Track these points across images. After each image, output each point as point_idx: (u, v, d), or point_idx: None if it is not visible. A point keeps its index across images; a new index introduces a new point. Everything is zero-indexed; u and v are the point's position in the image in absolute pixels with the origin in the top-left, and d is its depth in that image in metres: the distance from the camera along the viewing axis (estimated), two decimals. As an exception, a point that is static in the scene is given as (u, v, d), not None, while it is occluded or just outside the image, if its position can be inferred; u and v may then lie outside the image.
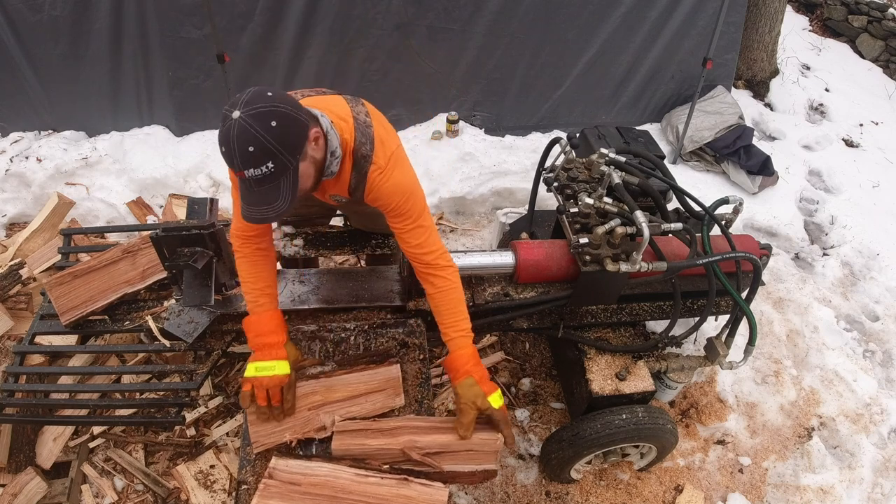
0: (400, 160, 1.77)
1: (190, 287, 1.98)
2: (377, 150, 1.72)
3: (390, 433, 1.67)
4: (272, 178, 1.40)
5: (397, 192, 1.73)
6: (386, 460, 1.64)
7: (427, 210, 1.82)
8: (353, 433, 1.66)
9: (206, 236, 1.88)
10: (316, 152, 1.52)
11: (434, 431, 1.69)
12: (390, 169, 1.72)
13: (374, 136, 1.72)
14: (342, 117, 1.68)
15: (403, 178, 1.75)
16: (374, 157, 1.71)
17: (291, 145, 1.40)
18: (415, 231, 1.78)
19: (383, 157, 1.72)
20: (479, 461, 1.68)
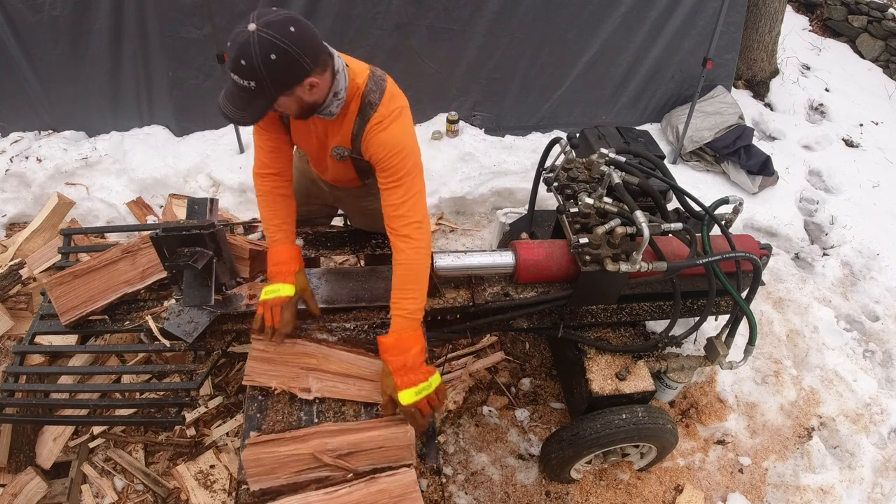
0: (403, 118, 1.79)
1: (190, 287, 1.98)
2: (385, 100, 1.76)
3: (301, 439, 1.66)
4: (249, 93, 1.50)
5: (389, 143, 1.74)
6: (300, 467, 1.63)
7: (418, 177, 1.79)
8: (263, 444, 1.65)
9: (206, 236, 1.88)
10: (306, 96, 1.60)
11: (344, 432, 1.68)
12: (391, 120, 1.75)
13: (385, 88, 1.78)
14: (361, 68, 1.78)
15: (400, 133, 1.76)
16: (381, 105, 1.75)
17: (279, 81, 1.49)
18: (396, 190, 1.78)
19: (388, 108, 1.75)
20: (394, 457, 1.67)
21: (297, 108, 1.65)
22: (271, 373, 1.84)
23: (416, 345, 1.73)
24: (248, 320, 2.06)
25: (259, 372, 1.84)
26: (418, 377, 1.71)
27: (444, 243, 3.75)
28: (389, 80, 1.83)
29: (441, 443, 2.73)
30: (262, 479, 1.61)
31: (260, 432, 1.74)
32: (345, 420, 1.77)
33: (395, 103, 1.78)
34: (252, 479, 1.61)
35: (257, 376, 1.84)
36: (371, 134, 1.75)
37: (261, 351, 1.86)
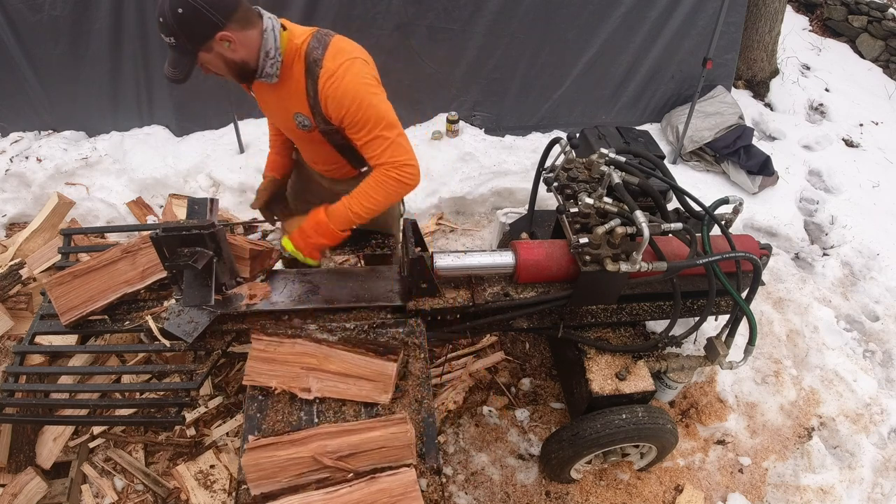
0: (355, 68, 1.77)
1: (190, 287, 1.98)
2: (328, 55, 1.76)
3: (301, 442, 1.66)
4: (174, 51, 1.68)
5: (346, 98, 1.75)
6: (300, 470, 1.63)
7: (388, 119, 1.81)
8: (262, 448, 1.64)
9: (206, 236, 1.88)
10: (228, 53, 1.71)
11: (344, 434, 1.68)
12: (341, 74, 1.74)
13: (329, 43, 1.78)
14: (303, 30, 1.82)
15: (354, 84, 1.75)
16: (324, 60, 1.75)
17: (191, 35, 1.63)
18: (373, 143, 1.81)
19: (334, 62, 1.75)
20: (394, 457, 1.67)
21: (226, 67, 1.74)
22: (271, 373, 1.84)
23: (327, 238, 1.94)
24: (248, 320, 2.06)
25: (259, 372, 1.84)
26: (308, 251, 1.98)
27: (444, 243, 3.75)
28: (339, 38, 1.84)
29: (441, 443, 2.73)
30: (262, 484, 1.61)
31: (260, 432, 1.74)
32: (345, 420, 1.77)
33: (343, 56, 1.77)
34: (252, 484, 1.60)
35: (257, 376, 1.84)
36: (325, 93, 1.77)
37: (261, 351, 1.86)
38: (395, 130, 1.84)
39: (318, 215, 1.94)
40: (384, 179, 1.86)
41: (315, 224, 1.93)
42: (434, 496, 1.66)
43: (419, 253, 1.94)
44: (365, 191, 1.89)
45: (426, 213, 3.81)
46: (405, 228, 2.09)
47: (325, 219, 1.92)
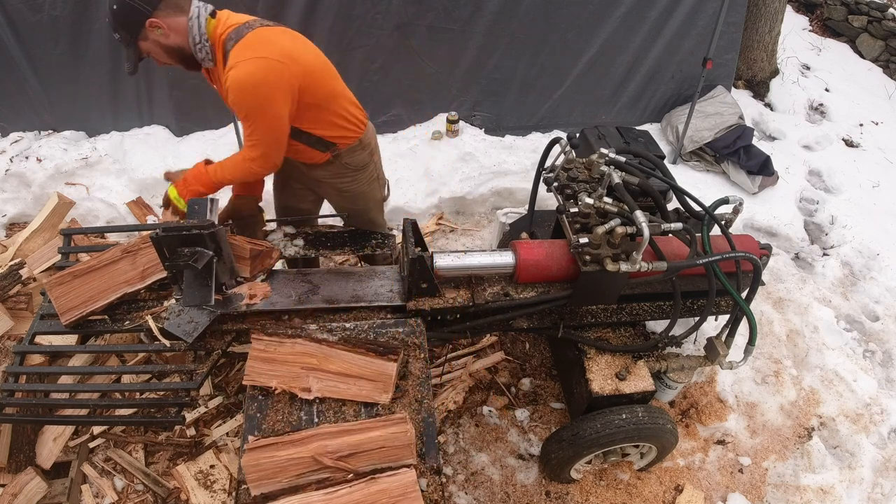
0: (252, 65, 1.85)
1: (190, 287, 1.98)
2: (236, 48, 1.88)
3: (301, 442, 1.66)
4: (122, 45, 1.92)
5: (231, 84, 1.85)
6: (300, 470, 1.63)
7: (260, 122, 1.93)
8: (262, 448, 1.65)
9: (206, 236, 1.89)
10: (163, 39, 1.90)
11: (344, 434, 1.68)
12: (236, 69, 1.84)
13: (244, 36, 1.88)
14: (235, 20, 1.95)
15: (242, 75, 1.85)
16: (232, 51, 1.88)
17: (126, 25, 1.85)
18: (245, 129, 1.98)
19: (238, 56, 1.86)
20: (394, 457, 1.67)
21: (165, 53, 1.94)
22: (272, 372, 1.84)
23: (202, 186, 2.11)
24: (248, 320, 2.06)
25: (259, 372, 1.84)
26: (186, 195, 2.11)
27: (444, 243, 3.75)
28: (261, 31, 1.92)
29: (441, 443, 2.73)
30: (262, 484, 1.61)
31: (260, 432, 1.74)
32: (345, 420, 1.77)
33: (248, 53, 1.86)
34: (253, 484, 1.60)
35: (257, 376, 1.84)
36: (226, 85, 1.88)
37: (261, 351, 1.87)
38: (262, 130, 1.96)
39: (199, 167, 2.12)
40: (240, 161, 2.06)
41: (196, 174, 2.12)
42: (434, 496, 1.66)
43: (419, 253, 1.94)
44: (227, 163, 2.09)
45: (426, 213, 3.81)
46: (405, 228, 2.09)
47: (204, 170, 2.11)
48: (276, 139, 2.02)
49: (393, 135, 4.13)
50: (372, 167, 2.42)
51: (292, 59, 1.91)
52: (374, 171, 2.45)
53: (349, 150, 2.26)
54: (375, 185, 2.49)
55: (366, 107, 2.39)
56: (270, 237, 2.41)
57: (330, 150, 2.22)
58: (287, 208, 2.63)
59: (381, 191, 2.56)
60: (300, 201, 2.57)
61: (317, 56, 2.09)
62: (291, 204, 2.59)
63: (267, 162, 2.06)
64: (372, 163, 2.41)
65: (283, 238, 2.39)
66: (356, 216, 2.51)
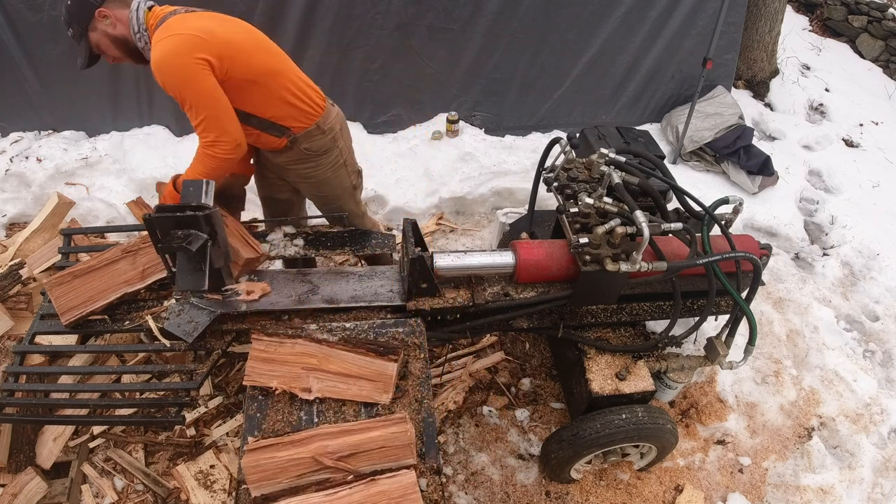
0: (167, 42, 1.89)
1: (183, 271, 1.95)
2: (157, 33, 1.93)
3: (301, 443, 1.66)
4: (74, 40, 2.03)
5: (154, 68, 1.90)
6: (301, 471, 1.63)
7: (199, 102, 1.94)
8: (262, 449, 1.64)
9: (200, 218, 1.85)
10: (108, 28, 1.99)
11: (344, 434, 1.68)
12: (154, 50, 1.90)
13: (166, 21, 1.94)
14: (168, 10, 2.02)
15: (158, 55, 1.89)
16: (153, 37, 1.94)
17: (77, 17, 1.97)
18: (188, 113, 1.98)
19: (155, 39, 1.92)
20: (394, 457, 1.67)
21: (113, 44, 2.02)
22: (272, 373, 1.84)
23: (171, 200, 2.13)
24: (248, 320, 2.06)
25: (259, 372, 1.84)
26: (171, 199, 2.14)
27: (444, 243, 3.75)
28: (181, 16, 1.98)
29: (441, 443, 2.73)
30: (263, 485, 1.61)
31: (260, 432, 1.74)
32: (345, 420, 1.77)
33: (164, 34, 1.91)
34: (253, 486, 1.60)
35: (258, 376, 1.84)
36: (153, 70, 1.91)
37: (261, 351, 1.86)
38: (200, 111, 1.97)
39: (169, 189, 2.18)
40: (202, 156, 2.07)
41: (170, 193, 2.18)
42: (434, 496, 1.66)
43: (419, 253, 1.94)
44: (193, 164, 2.11)
45: (426, 213, 3.81)
46: (405, 228, 2.09)
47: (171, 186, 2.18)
48: (221, 114, 2.00)
49: (393, 135, 4.13)
50: (336, 153, 2.39)
51: (207, 32, 1.94)
52: (339, 156, 2.41)
53: (306, 135, 2.26)
54: (342, 171, 2.46)
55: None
56: (270, 237, 2.41)
57: (285, 134, 2.23)
58: (268, 199, 2.67)
59: (350, 178, 2.53)
60: (278, 191, 2.60)
61: (248, 32, 2.11)
62: (271, 195, 2.63)
63: (226, 143, 2.03)
64: (336, 148, 2.38)
65: (283, 238, 2.39)
66: (327, 205, 2.53)
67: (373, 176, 3.79)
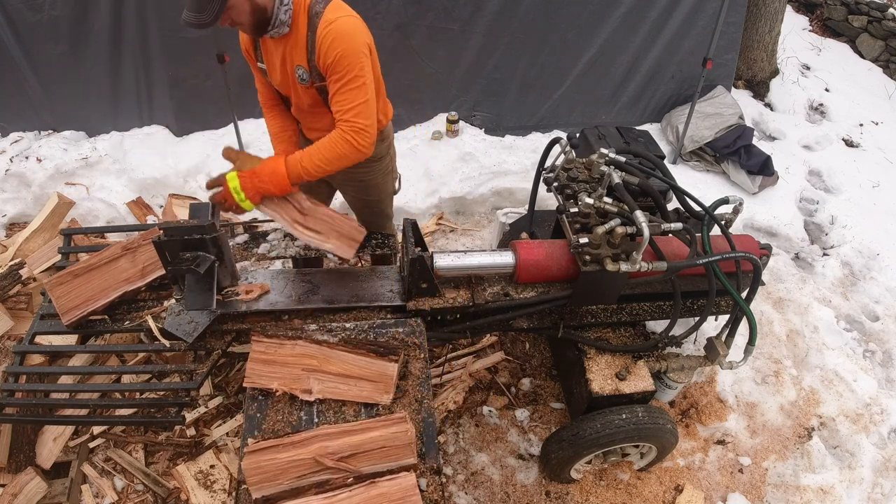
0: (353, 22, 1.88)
1: (192, 291, 1.98)
2: (329, 8, 1.87)
3: (301, 444, 1.65)
4: None
5: (338, 40, 1.83)
6: (301, 472, 1.63)
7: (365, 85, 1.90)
8: (263, 451, 1.64)
9: (208, 241, 1.88)
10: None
11: (344, 434, 1.68)
12: (339, 24, 1.85)
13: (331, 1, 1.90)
14: None
15: (348, 31, 1.85)
16: (325, 13, 1.86)
17: None
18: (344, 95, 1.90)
19: (333, 13, 1.86)
20: (395, 457, 1.67)
21: (251, 9, 1.80)
22: (272, 374, 1.84)
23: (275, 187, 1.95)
24: (248, 320, 2.06)
25: (260, 374, 1.84)
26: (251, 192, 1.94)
27: (444, 243, 3.75)
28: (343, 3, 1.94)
29: (441, 443, 2.73)
30: (263, 487, 1.61)
31: (260, 433, 1.74)
32: (345, 420, 1.77)
33: (342, 11, 1.89)
34: (254, 487, 1.60)
35: (258, 378, 1.84)
36: (321, 40, 1.85)
37: (261, 352, 1.86)
38: (365, 94, 1.92)
39: (277, 164, 1.94)
40: (339, 141, 1.93)
41: (272, 172, 1.94)
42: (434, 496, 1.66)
43: (419, 253, 1.94)
44: (319, 148, 1.95)
45: (426, 213, 3.81)
46: (405, 228, 2.09)
47: (283, 170, 1.94)
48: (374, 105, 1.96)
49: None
50: (388, 160, 2.45)
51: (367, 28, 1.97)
52: (390, 163, 2.48)
53: None
54: (389, 177, 2.52)
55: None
56: (270, 237, 2.41)
57: None
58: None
59: (394, 184, 2.59)
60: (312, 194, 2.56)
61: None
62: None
63: (371, 135, 1.95)
64: (388, 155, 2.44)
65: (283, 238, 2.39)
66: (368, 208, 2.54)
67: (373, 176, 3.79)
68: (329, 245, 1.99)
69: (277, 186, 1.95)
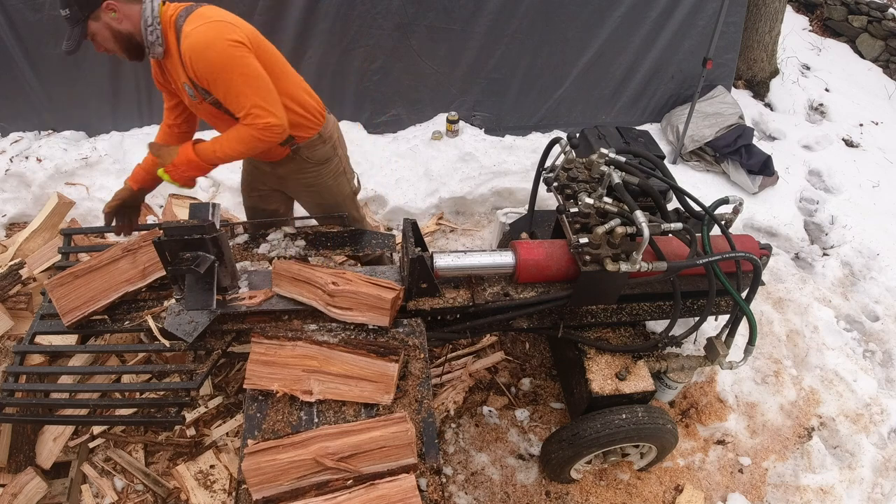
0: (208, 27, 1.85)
1: (192, 291, 1.98)
2: (188, 21, 1.87)
3: (301, 445, 1.65)
4: (68, 22, 1.88)
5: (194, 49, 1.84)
6: (301, 473, 1.62)
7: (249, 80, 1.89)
8: (263, 452, 1.63)
9: (208, 241, 1.88)
10: (115, 23, 1.89)
11: (344, 434, 1.68)
12: (194, 34, 1.84)
13: (193, 11, 1.89)
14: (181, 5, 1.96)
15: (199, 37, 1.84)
16: (184, 26, 1.86)
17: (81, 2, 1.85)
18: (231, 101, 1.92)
19: (190, 25, 1.86)
20: (395, 456, 1.67)
21: (113, 38, 1.91)
22: (272, 376, 1.84)
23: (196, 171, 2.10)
24: (248, 320, 2.06)
25: (260, 375, 1.84)
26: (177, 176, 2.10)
27: (444, 243, 3.75)
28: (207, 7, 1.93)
29: (441, 442, 2.73)
30: (264, 488, 1.60)
31: (260, 433, 1.74)
32: (345, 420, 1.77)
33: (201, 20, 1.87)
34: (254, 489, 1.60)
35: (258, 380, 1.84)
36: (186, 54, 1.86)
37: (261, 354, 1.86)
38: (257, 89, 1.91)
39: (187, 153, 2.05)
40: (247, 136, 1.97)
41: (186, 160, 2.06)
42: (434, 496, 1.66)
43: (419, 253, 1.94)
44: (230, 139, 2.01)
45: (426, 213, 3.81)
46: (405, 228, 2.09)
47: (194, 157, 2.05)
48: (272, 94, 1.96)
49: (393, 135, 4.14)
50: (336, 161, 2.41)
51: (235, 20, 1.96)
52: (339, 164, 2.44)
53: (308, 144, 2.27)
54: (342, 178, 2.49)
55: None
56: (270, 237, 2.41)
57: (289, 143, 2.22)
58: (255, 210, 2.66)
59: (350, 184, 2.56)
60: (267, 203, 2.60)
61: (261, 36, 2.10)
62: (259, 206, 2.63)
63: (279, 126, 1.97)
64: (336, 157, 2.40)
65: (283, 238, 2.39)
66: (327, 212, 2.52)
67: (373, 176, 3.79)
68: (363, 318, 1.98)
69: (198, 170, 2.09)
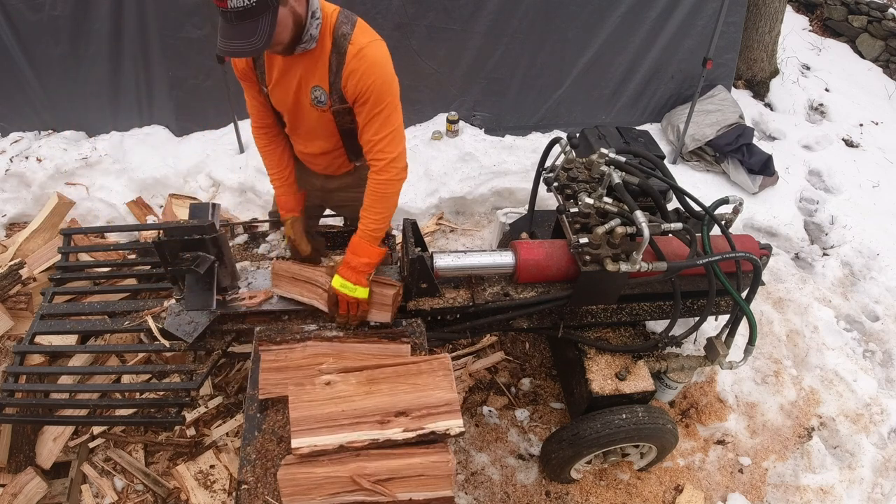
0: (382, 48, 1.81)
1: (192, 291, 1.98)
2: (358, 31, 1.77)
3: (339, 461, 1.61)
4: (253, 13, 1.50)
5: (373, 70, 1.76)
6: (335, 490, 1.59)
7: (396, 112, 1.87)
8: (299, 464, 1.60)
9: (208, 241, 1.88)
10: (296, 6, 1.63)
11: (383, 457, 1.64)
12: (370, 49, 1.76)
13: (356, 21, 1.79)
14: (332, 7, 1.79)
15: (381, 61, 1.79)
16: (354, 36, 1.76)
17: None
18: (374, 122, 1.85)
19: (363, 38, 1.77)
20: (432, 486, 1.62)
21: (293, 24, 1.65)
22: (287, 381, 1.79)
23: (365, 256, 1.91)
24: (248, 320, 2.06)
25: (275, 383, 1.79)
26: (354, 277, 1.89)
27: (444, 243, 3.75)
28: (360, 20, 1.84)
29: (441, 443, 2.73)
30: (296, 499, 1.57)
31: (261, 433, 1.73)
32: None
33: (370, 35, 1.80)
34: (286, 499, 1.57)
35: (273, 388, 1.79)
36: (351, 66, 1.77)
37: (272, 361, 1.83)
38: (397, 122, 1.90)
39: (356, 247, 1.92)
40: (380, 189, 1.90)
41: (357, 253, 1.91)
42: (434, 496, 1.65)
43: (419, 253, 1.94)
44: (370, 207, 1.92)
45: (426, 213, 3.81)
46: (405, 228, 2.09)
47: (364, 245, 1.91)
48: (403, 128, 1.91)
49: (393, 135, 4.13)
50: None
51: None
52: None
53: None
54: None
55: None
56: (270, 237, 2.41)
57: (360, 158, 2.15)
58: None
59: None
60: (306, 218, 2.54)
61: None
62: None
63: (404, 156, 1.90)
64: None
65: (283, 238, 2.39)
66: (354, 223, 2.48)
67: (373, 176, 3.78)
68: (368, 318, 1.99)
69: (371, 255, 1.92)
